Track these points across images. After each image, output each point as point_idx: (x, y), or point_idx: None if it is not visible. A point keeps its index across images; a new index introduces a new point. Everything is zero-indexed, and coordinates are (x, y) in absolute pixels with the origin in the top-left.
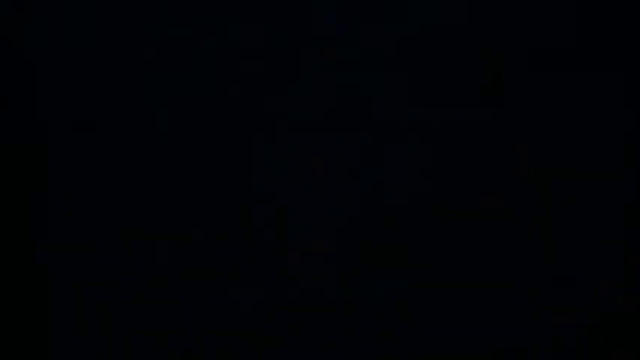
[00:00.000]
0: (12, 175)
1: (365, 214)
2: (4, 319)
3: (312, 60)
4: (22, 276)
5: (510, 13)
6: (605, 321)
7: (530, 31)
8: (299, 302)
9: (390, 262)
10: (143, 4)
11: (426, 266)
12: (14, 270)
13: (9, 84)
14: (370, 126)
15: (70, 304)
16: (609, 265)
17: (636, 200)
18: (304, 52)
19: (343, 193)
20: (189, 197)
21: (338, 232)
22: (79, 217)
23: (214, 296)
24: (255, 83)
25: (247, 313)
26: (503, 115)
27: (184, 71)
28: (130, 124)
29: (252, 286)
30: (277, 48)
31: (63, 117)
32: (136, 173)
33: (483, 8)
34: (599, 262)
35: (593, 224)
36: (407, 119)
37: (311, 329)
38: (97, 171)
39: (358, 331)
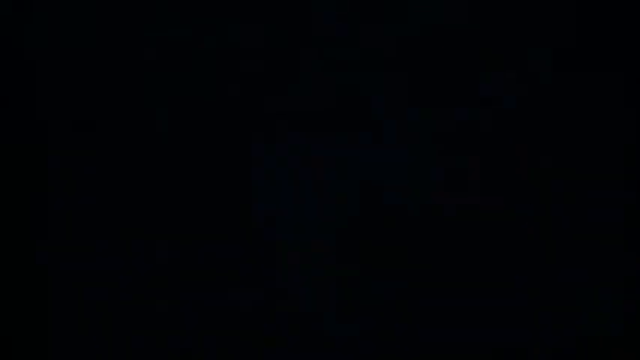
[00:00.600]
0: (12, 175)
1: (365, 214)
2: (4, 319)
3: (312, 60)
4: (22, 276)
5: (510, 13)
6: (604, 321)
7: (530, 31)
8: (299, 302)
9: (390, 262)
10: (143, 4)
11: (426, 266)
12: (14, 270)
13: (9, 84)
14: (370, 126)
15: (70, 304)
16: (609, 266)
17: (636, 200)
18: (304, 52)
19: (343, 193)
20: (189, 197)
21: (338, 232)
22: (79, 217)
23: (214, 296)
24: (255, 83)
25: (247, 313)
26: (503, 115)
27: (184, 71)
28: (130, 124)
29: (252, 286)
30: (277, 48)
31: (63, 117)
32: (136, 173)
33: (483, 8)
34: (599, 263)
35: (593, 224)
36: (407, 119)
37: (311, 329)
38: (97, 171)
39: (358, 331)
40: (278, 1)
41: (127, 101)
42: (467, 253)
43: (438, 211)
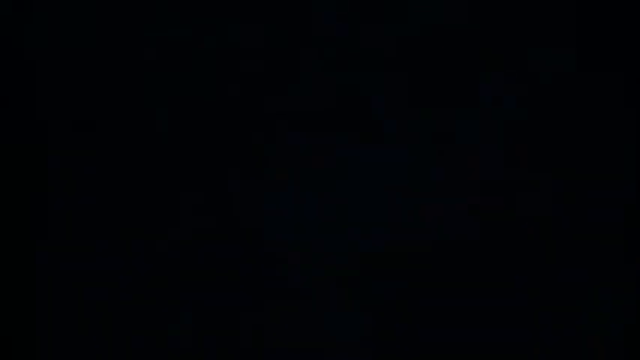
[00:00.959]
0: (12, 175)
1: (365, 213)
2: (4, 319)
3: (312, 60)
4: (22, 276)
5: (510, 13)
6: (604, 321)
7: (530, 31)
8: (299, 302)
9: (390, 262)
10: (143, 4)
11: (426, 266)
12: (14, 270)
13: (9, 84)
14: (370, 126)
15: (70, 304)
16: (609, 266)
17: (636, 200)
18: (304, 52)
19: (343, 193)
20: (189, 197)
21: (338, 232)
22: (79, 217)
23: (214, 296)
24: (255, 83)
25: (247, 313)
26: (503, 114)
27: (184, 71)
28: (130, 124)
29: (252, 286)
30: (277, 48)
31: (63, 117)
32: (136, 173)
33: (483, 8)
34: (599, 263)
35: (593, 224)
36: (407, 119)
37: (311, 329)
38: (97, 171)
39: (358, 331)
40: (278, 1)
41: (127, 101)
42: (467, 253)
43: (438, 210)
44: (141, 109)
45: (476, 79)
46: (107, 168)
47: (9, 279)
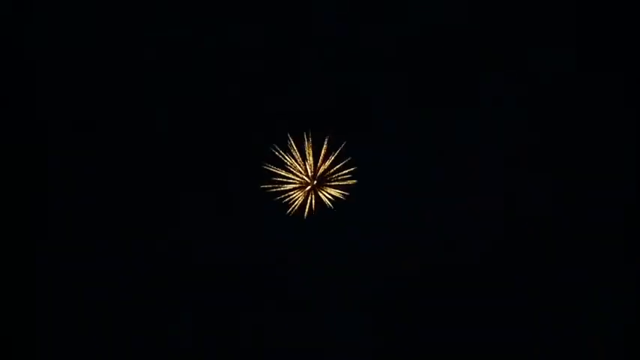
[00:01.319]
0: (12, 175)
1: (365, 212)
2: (4, 319)
3: (312, 60)
4: (22, 276)
5: (510, 13)
6: (604, 321)
7: (530, 31)
8: (299, 302)
9: (390, 262)
10: (143, 4)
11: (426, 266)
12: (14, 270)
13: (9, 84)
14: (370, 126)
15: (70, 304)
16: (609, 266)
17: (636, 200)
18: (304, 52)
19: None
20: (188, 197)
21: (338, 232)
22: (79, 217)
23: (214, 296)
24: (255, 83)
25: (247, 313)
26: (503, 114)
27: (184, 71)
28: (130, 124)
29: (252, 286)
30: (277, 48)
31: (63, 117)
32: (136, 173)
33: (483, 8)
34: (599, 263)
35: (593, 224)
36: (407, 119)
37: (311, 329)
38: (97, 171)
39: (359, 331)
40: (278, 1)
41: (127, 101)
42: (466, 253)
43: (438, 209)
44: (141, 109)
45: (476, 79)
46: (107, 168)
47: (9, 279)
